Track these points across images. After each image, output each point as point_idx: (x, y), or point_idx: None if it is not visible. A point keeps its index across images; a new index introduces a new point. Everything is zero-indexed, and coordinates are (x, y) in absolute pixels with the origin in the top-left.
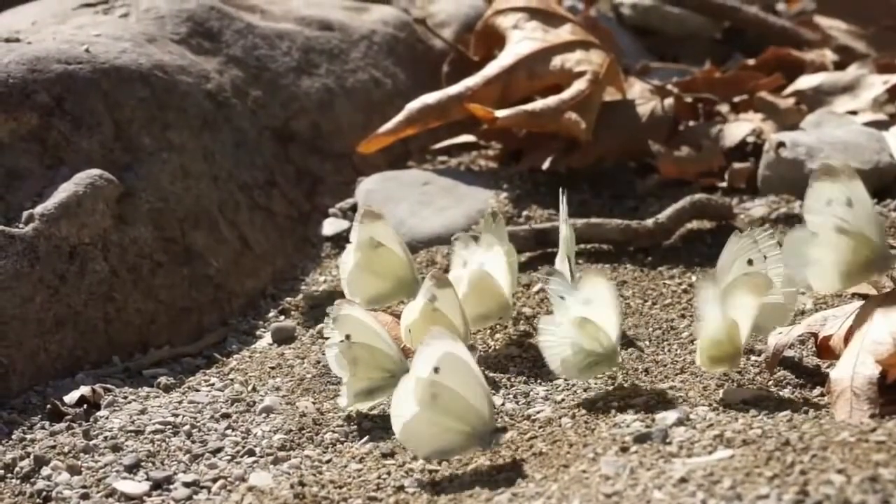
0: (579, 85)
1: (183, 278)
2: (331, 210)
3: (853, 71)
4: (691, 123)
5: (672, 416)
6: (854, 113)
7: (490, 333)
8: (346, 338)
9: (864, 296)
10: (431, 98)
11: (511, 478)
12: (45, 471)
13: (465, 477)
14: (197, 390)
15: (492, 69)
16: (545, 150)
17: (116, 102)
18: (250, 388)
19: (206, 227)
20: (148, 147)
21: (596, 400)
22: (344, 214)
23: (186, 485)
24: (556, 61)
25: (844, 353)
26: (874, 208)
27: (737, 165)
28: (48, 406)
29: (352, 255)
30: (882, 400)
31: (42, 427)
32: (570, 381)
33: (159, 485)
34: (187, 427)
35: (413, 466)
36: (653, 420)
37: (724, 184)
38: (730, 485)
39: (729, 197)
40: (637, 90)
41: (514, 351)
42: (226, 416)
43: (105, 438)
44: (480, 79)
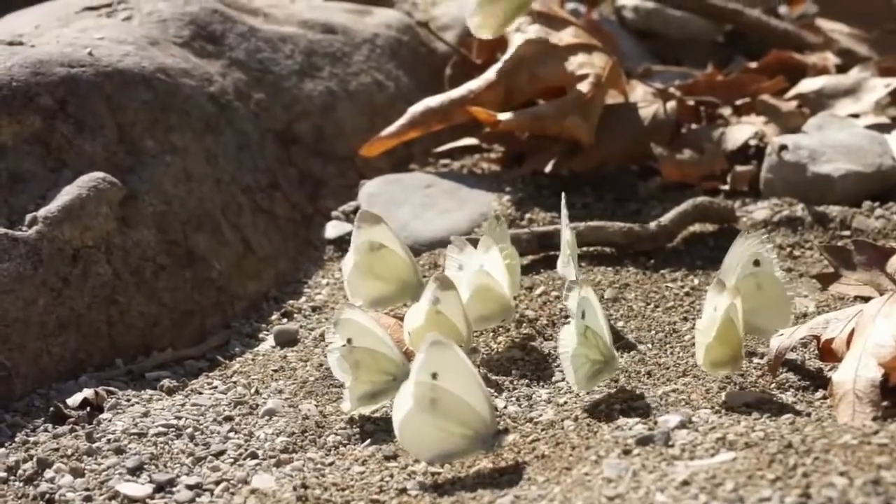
0: (582, 88)
1: (186, 281)
2: (333, 213)
3: (855, 74)
4: (693, 126)
5: (674, 419)
6: (856, 116)
7: (492, 336)
8: (348, 342)
9: (867, 298)
10: (434, 101)
11: (513, 480)
12: (48, 473)
13: (468, 479)
14: (200, 393)
15: (494, 72)
16: (548, 154)
17: (119, 105)
18: (253, 391)
19: (209, 230)
20: (151, 150)
21: (598, 403)
22: (347, 217)
23: (189, 487)
24: (559, 64)
25: (847, 356)
26: None
27: (739, 168)
28: (51, 409)
29: (350, 258)
30: (884, 403)
31: (45, 430)
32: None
33: (162, 487)
34: (190, 430)
35: (416, 469)
36: (655, 423)
37: (727, 187)
38: (732, 487)
39: (731, 200)
40: (639, 93)
41: (517, 354)
42: (228, 419)
43: (108, 441)
44: (483, 82)
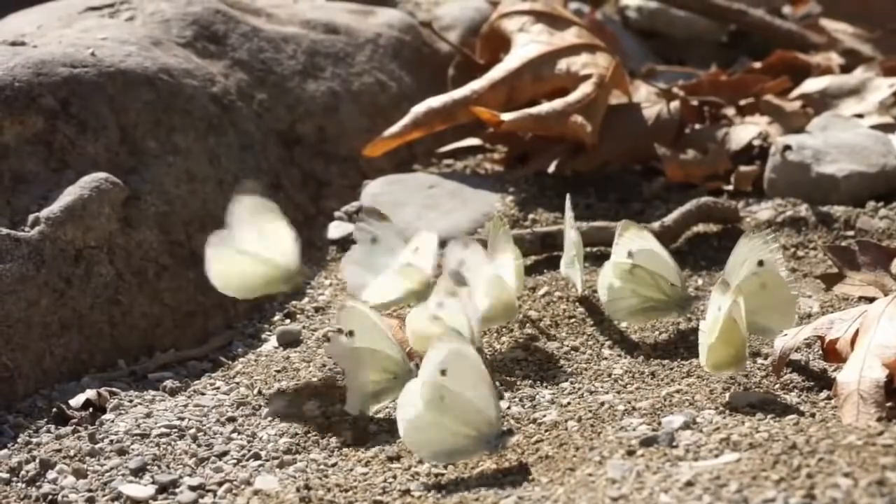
0: (585, 88)
1: (188, 282)
2: (336, 213)
3: (859, 74)
4: (697, 126)
5: (678, 420)
6: (860, 116)
7: (496, 336)
8: (349, 334)
9: (871, 299)
10: (437, 101)
11: (517, 481)
12: (51, 474)
13: (471, 480)
14: (202, 394)
15: (497, 72)
16: (551, 154)
17: (122, 106)
18: (256, 392)
19: (212, 231)
20: (153, 150)
21: (602, 403)
22: (349, 218)
23: (192, 488)
24: (562, 64)
25: (851, 357)
26: None
27: (743, 168)
28: (54, 410)
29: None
30: (889, 403)
31: (48, 431)
32: (576, 385)
33: (165, 488)
34: (193, 430)
35: (419, 470)
36: (659, 423)
37: (731, 187)
38: (736, 488)
39: (735, 200)
40: (643, 93)
41: (520, 354)
42: (231, 420)
43: (111, 442)
44: (486, 82)
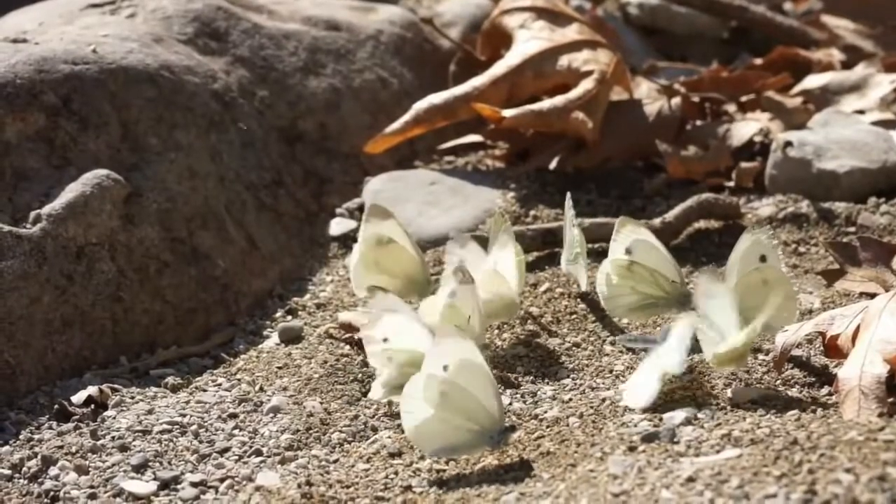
0: (586, 84)
1: (190, 278)
2: (338, 210)
3: (860, 70)
4: (698, 123)
5: (680, 416)
6: (861, 112)
7: (497, 333)
8: (384, 340)
9: (872, 295)
10: (438, 98)
11: (519, 477)
12: (53, 471)
13: (473, 476)
14: (204, 390)
15: (499, 69)
16: (552, 150)
17: (123, 103)
18: (257, 388)
19: (214, 228)
20: (155, 147)
21: (603, 399)
22: (351, 214)
23: (194, 485)
24: (563, 61)
25: (852, 352)
26: None
27: (744, 165)
28: (56, 406)
29: (357, 251)
30: (890, 399)
31: (50, 427)
32: (578, 381)
33: (167, 485)
34: (195, 427)
35: (420, 466)
36: (660, 419)
37: (732, 183)
38: (738, 484)
39: (736, 196)
40: (644, 90)
41: (522, 350)
42: (233, 416)
43: (112, 438)
44: (487, 78)
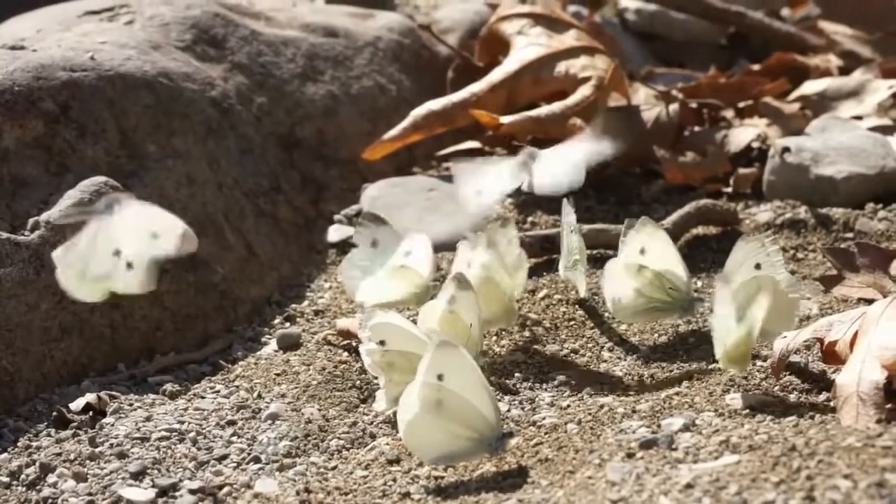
0: (584, 91)
1: (188, 285)
2: (336, 217)
3: (858, 76)
4: (696, 129)
5: (678, 422)
6: (859, 118)
7: (496, 339)
8: (381, 343)
9: (870, 301)
10: (436, 104)
11: (517, 484)
12: (51, 478)
13: (471, 483)
14: (202, 397)
15: (497, 75)
16: None
17: (121, 109)
18: (256, 395)
19: (212, 235)
20: (153, 154)
21: (601, 406)
22: (349, 221)
23: (192, 492)
24: (561, 67)
25: (850, 359)
26: None
27: (742, 171)
28: (54, 413)
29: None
30: (888, 405)
31: (48, 434)
32: (575, 388)
33: (165, 492)
34: (193, 434)
35: (419, 473)
36: (659, 426)
37: (730, 189)
38: (736, 490)
39: (734, 202)
40: (642, 96)
41: (520, 357)
42: (231, 423)
43: (111, 445)
44: (485, 85)
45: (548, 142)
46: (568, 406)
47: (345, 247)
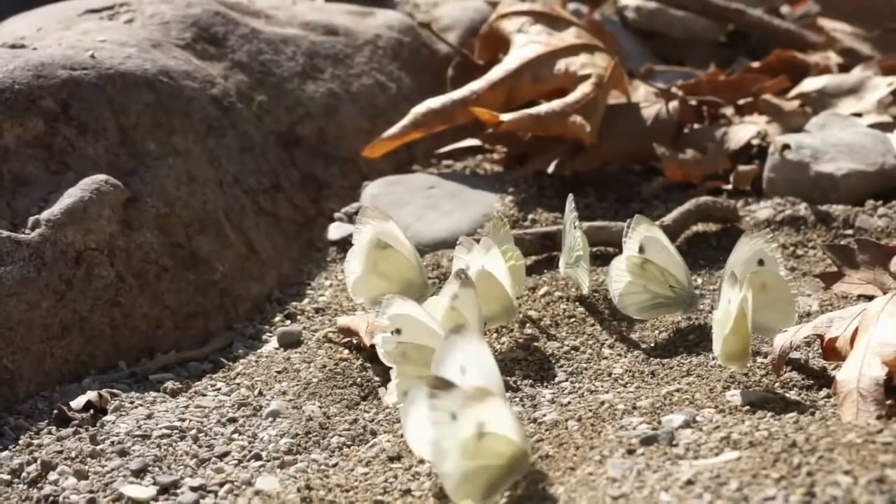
0: (584, 88)
1: (189, 283)
2: (336, 214)
3: (858, 73)
4: (696, 126)
5: (678, 419)
6: (859, 115)
7: (496, 337)
8: (396, 332)
9: (870, 297)
10: (436, 102)
11: (518, 481)
12: (52, 476)
13: None
14: (203, 395)
15: (496, 73)
16: (550, 154)
17: (122, 108)
18: (257, 393)
19: (212, 233)
20: (153, 152)
21: (602, 402)
22: (349, 219)
23: (193, 489)
24: (561, 65)
25: (850, 355)
26: None
27: (742, 168)
28: (55, 411)
29: (356, 256)
30: (889, 401)
31: (49, 432)
32: (576, 384)
33: (166, 489)
34: (194, 431)
35: (420, 470)
36: (659, 422)
37: (730, 186)
38: (736, 486)
39: (734, 199)
40: (642, 93)
41: (520, 354)
42: (232, 421)
43: (112, 443)
44: (485, 83)
45: (547, 139)
46: (568, 403)
47: (345, 244)
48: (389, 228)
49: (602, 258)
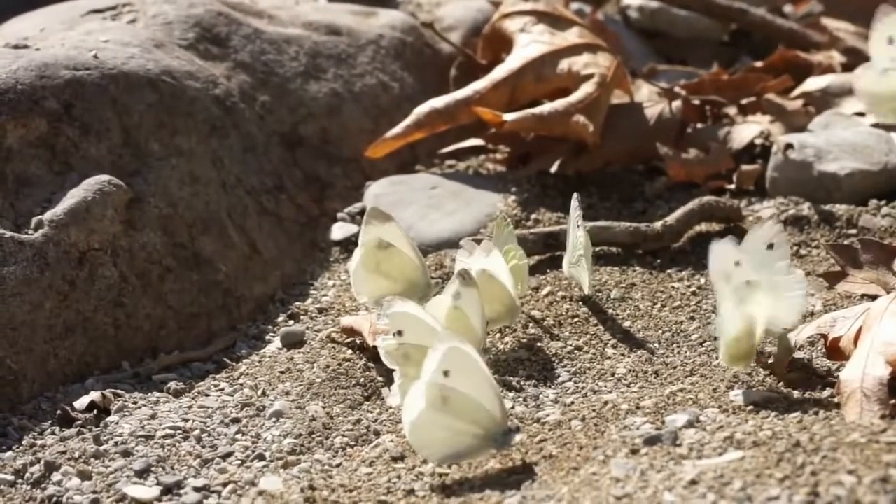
0: (587, 88)
1: (192, 283)
2: (339, 214)
3: (861, 72)
4: (699, 126)
5: (682, 418)
6: (862, 114)
7: (499, 337)
8: (398, 333)
9: (874, 297)
10: (439, 102)
11: (521, 480)
12: (56, 476)
13: (476, 480)
14: (207, 395)
15: (499, 73)
16: (553, 154)
17: (125, 108)
18: (260, 393)
19: (215, 233)
20: (156, 153)
21: (606, 402)
22: (352, 219)
23: (197, 489)
24: (564, 64)
25: (854, 354)
26: None
27: (745, 167)
28: (58, 412)
29: (356, 255)
30: (893, 401)
31: (52, 433)
32: (580, 384)
33: (169, 490)
34: (197, 432)
35: (423, 470)
36: (663, 422)
37: (733, 186)
38: (740, 486)
39: (737, 199)
40: (644, 93)
41: (524, 354)
42: (236, 421)
43: (115, 444)
44: (488, 82)
45: (550, 139)
46: (572, 403)
47: (348, 245)
48: (392, 228)
49: (605, 258)
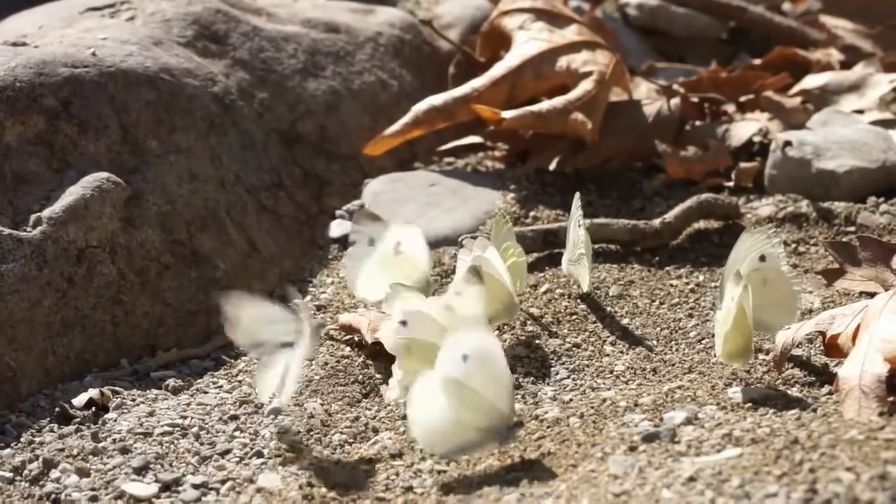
0: (585, 85)
1: (190, 281)
2: (338, 212)
3: (859, 70)
4: (698, 123)
5: (680, 416)
6: (860, 112)
7: (498, 334)
8: (402, 323)
9: (872, 294)
10: (438, 99)
11: (520, 477)
12: (54, 473)
13: (474, 477)
14: (205, 392)
15: (498, 70)
16: (552, 151)
17: (123, 105)
18: (258, 390)
19: (214, 230)
20: (155, 150)
21: (604, 399)
22: (351, 216)
23: (195, 486)
24: (562, 62)
25: (852, 352)
26: None
27: (743, 165)
28: (57, 409)
29: (369, 258)
30: (891, 398)
31: (51, 430)
32: (578, 381)
33: (168, 487)
34: (196, 429)
35: (422, 467)
36: (661, 419)
37: (731, 183)
38: (738, 483)
39: (736, 196)
40: (643, 90)
41: (522, 351)
42: (234, 418)
43: (114, 441)
44: (487, 80)
45: (549, 137)
46: (570, 400)
47: (346, 242)
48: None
49: (604, 255)
